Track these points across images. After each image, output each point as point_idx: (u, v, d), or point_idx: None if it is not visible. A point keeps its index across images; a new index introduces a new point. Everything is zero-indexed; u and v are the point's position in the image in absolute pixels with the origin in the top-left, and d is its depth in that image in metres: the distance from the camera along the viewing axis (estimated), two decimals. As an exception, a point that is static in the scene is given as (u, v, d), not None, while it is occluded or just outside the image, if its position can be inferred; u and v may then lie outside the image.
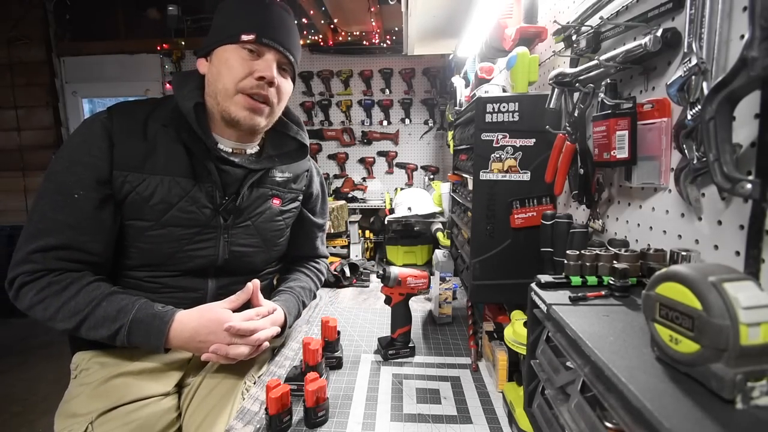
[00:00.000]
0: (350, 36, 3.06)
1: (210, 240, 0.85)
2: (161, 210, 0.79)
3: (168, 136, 0.80)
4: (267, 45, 0.79)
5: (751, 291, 0.29)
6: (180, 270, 0.84)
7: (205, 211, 0.83)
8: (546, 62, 1.01)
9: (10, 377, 2.32)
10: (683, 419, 0.27)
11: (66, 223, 0.74)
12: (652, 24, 0.59)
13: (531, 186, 0.88)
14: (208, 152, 0.82)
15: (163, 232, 0.80)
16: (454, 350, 1.03)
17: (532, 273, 0.59)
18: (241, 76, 0.78)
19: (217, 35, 0.81)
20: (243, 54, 0.78)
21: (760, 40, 0.37)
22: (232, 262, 0.88)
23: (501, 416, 0.77)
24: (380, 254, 2.27)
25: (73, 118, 3.39)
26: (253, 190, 0.89)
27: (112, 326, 0.73)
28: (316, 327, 1.18)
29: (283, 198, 0.96)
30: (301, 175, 1.00)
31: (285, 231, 0.98)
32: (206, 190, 0.83)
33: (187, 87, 0.82)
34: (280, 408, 0.72)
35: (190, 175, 0.81)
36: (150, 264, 0.82)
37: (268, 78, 0.79)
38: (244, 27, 0.78)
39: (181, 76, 0.85)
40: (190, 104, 0.79)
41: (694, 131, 0.50)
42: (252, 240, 0.91)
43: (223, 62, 0.79)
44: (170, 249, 0.81)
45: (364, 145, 3.21)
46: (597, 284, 0.52)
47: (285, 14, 0.83)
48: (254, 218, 0.90)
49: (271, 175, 0.93)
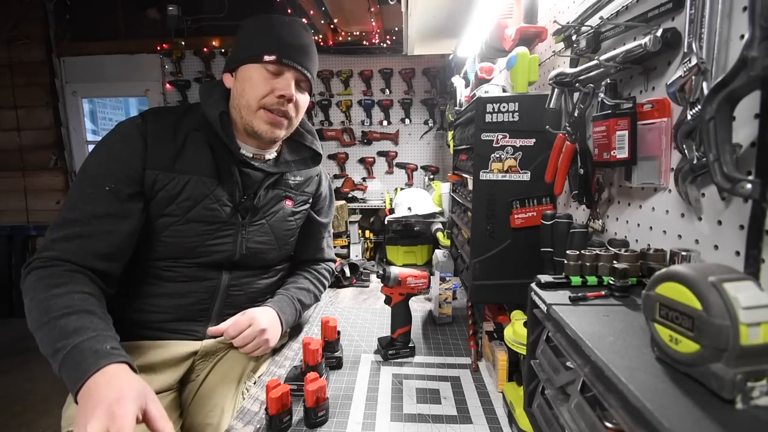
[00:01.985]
0: (350, 36, 3.06)
1: (229, 236, 0.90)
2: (187, 207, 0.84)
3: (197, 139, 0.87)
4: (287, 65, 0.84)
5: (751, 291, 0.29)
6: (199, 262, 0.88)
7: (225, 208, 0.88)
8: (546, 62, 1.01)
9: (10, 377, 2.32)
10: (683, 419, 0.27)
11: (93, 214, 0.78)
12: (652, 24, 0.59)
13: (531, 186, 0.88)
14: (231, 156, 0.88)
15: (187, 227, 0.85)
16: (454, 350, 1.03)
17: (532, 273, 0.59)
18: (263, 94, 0.84)
19: (241, 53, 0.86)
20: (265, 73, 0.84)
21: (760, 40, 0.37)
22: (248, 257, 0.93)
23: (501, 416, 0.77)
24: (380, 254, 2.27)
25: (73, 118, 3.39)
26: (269, 191, 0.95)
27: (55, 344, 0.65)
28: (316, 327, 1.18)
29: (295, 200, 1.02)
30: (312, 178, 1.06)
31: (296, 231, 1.04)
32: (228, 190, 0.89)
33: (212, 97, 0.88)
34: (280, 408, 0.72)
35: (214, 175, 0.87)
36: (172, 257, 0.87)
37: (288, 96, 0.85)
38: (266, 48, 0.83)
39: (208, 87, 0.91)
40: (215, 113, 0.85)
41: (694, 131, 0.50)
42: (266, 238, 0.96)
43: (247, 80, 0.85)
44: (192, 243, 0.86)
45: (364, 145, 3.21)
46: (597, 284, 0.52)
47: (303, 32, 0.89)
48: (268, 217, 0.96)
49: (285, 178, 0.99)
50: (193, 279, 0.88)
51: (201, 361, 0.92)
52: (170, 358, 0.87)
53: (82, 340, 0.64)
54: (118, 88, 3.41)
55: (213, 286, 0.91)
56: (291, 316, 0.97)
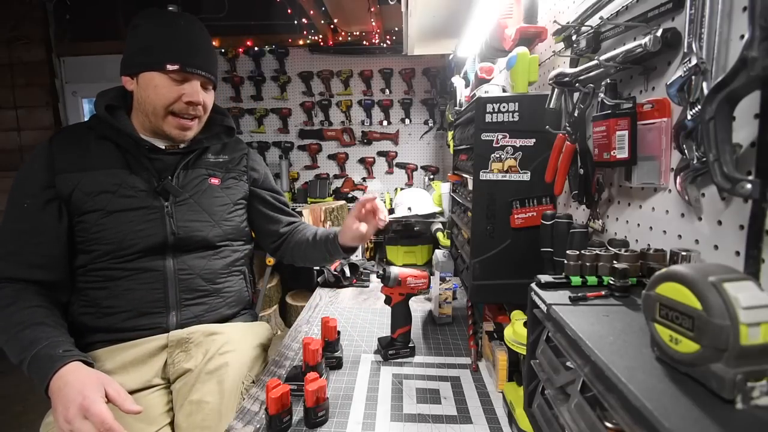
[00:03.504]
0: (350, 36, 3.06)
1: (155, 220, 0.91)
2: (105, 199, 0.88)
3: (96, 137, 0.91)
4: (191, 72, 0.88)
5: (751, 291, 0.29)
6: (135, 252, 0.89)
7: (141, 194, 0.91)
8: (546, 62, 1.01)
9: (10, 377, 2.32)
10: (683, 419, 0.27)
11: (20, 230, 0.86)
12: (652, 24, 0.59)
13: (531, 186, 0.88)
14: (136, 145, 0.91)
15: (111, 219, 0.88)
16: (454, 350, 1.03)
17: (532, 273, 0.59)
18: (171, 101, 0.88)
19: (139, 57, 0.88)
20: (169, 81, 0.87)
21: (760, 40, 0.37)
22: (184, 238, 0.94)
23: (501, 416, 0.77)
24: (380, 254, 2.27)
25: (73, 118, 3.39)
26: (189, 171, 0.98)
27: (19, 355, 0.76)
28: (316, 327, 1.18)
29: (222, 177, 1.03)
30: (237, 157, 1.08)
31: (232, 207, 1.04)
32: (143, 177, 0.92)
33: (102, 98, 0.92)
34: (280, 408, 0.72)
35: (124, 166, 0.91)
36: (107, 252, 0.88)
37: (196, 101, 0.90)
38: (167, 57, 0.86)
39: (101, 92, 0.95)
40: (101, 108, 0.90)
41: (694, 131, 0.50)
42: (199, 216, 0.97)
43: (152, 87, 0.88)
44: (121, 234, 0.88)
45: (364, 145, 3.21)
46: (597, 284, 0.52)
47: (200, 33, 0.92)
48: (195, 195, 0.97)
49: (206, 158, 1.02)
50: (137, 271, 0.89)
51: (177, 352, 0.91)
52: (140, 356, 0.88)
53: (38, 350, 0.74)
54: (118, 88, 3.41)
55: (160, 274, 0.91)
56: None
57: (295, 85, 3.17)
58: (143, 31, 0.89)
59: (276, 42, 3.10)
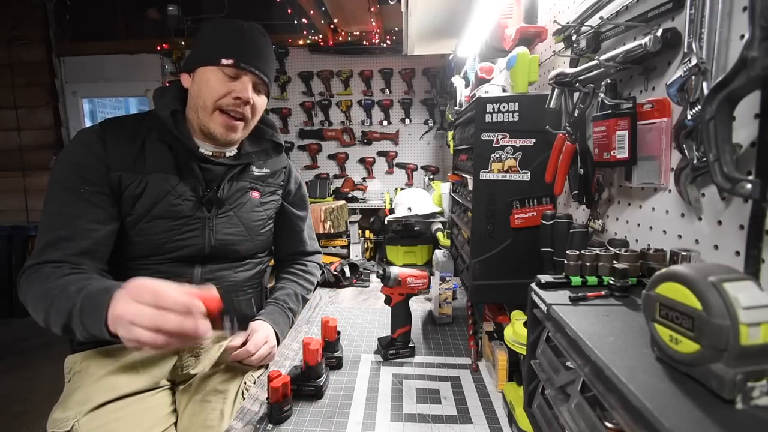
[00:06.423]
0: (350, 36, 3.06)
1: (196, 230, 0.91)
2: (150, 204, 0.86)
3: (153, 139, 0.90)
4: (244, 69, 0.87)
5: (751, 291, 0.28)
6: (169, 258, 0.90)
7: (188, 203, 0.90)
8: (546, 62, 1.01)
9: (10, 377, 2.32)
10: (683, 419, 0.27)
11: (74, 215, 0.81)
12: (652, 24, 0.59)
13: (531, 186, 0.88)
14: (190, 152, 0.91)
15: (153, 224, 0.87)
16: (454, 350, 1.03)
17: (532, 273, 0.59)
18: (220, 95, 0.87)
19: (199, 55, 0.89)
20: (222, 76, 0.87)
21: (760, 40, 0.37)
22: (219, 249, 0.94)
23: (501, 416, 0.77)
24: (380, 254, 2.27)
25: (73, 118, 3.39)
26: (233, 183, 0.97)
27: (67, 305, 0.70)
28: (316, 327, 1.18)
29: (262, 191, 1.04)
30: (279, 171, 1.09)
31: (267, 222, 1.05)
32: (190, 185, 0.91)
33: (164, 98, 0.91)
34: (281, 397, 0.74)
35: (175, 172, 0.90)
36: (143, 255, 0.88)
37: (244, 98, 0.88)
38: (224, 52, 0.86)
39: (161, 89, 0.95)
40: (167, 111, 0.88)
41: (694, 131, 0.50)
42: (236, 229, 0.97)
43: (204, 81, 0.87)
44: (160, 240, 0.88)
45: (364, 145, 3.21)
46: (597, 284, 0.52)
47: (261, 38, 0.92)
48: (236, 208, 0.97)
49: (250, 171, 1.01)
50: (166, 275, 0.88)
51: (188, 357, 0.93)
52: (153, 357, 0.88)
53: (88, 291, 0.69)
54: (118, 88, 3.42)
55: (186, 281, 0.90)
56: (285, 326, 1.01)
57: (295, 85, 3.17)
58: (209, 32, 0.91)
59: (276, 42, 3.10)
